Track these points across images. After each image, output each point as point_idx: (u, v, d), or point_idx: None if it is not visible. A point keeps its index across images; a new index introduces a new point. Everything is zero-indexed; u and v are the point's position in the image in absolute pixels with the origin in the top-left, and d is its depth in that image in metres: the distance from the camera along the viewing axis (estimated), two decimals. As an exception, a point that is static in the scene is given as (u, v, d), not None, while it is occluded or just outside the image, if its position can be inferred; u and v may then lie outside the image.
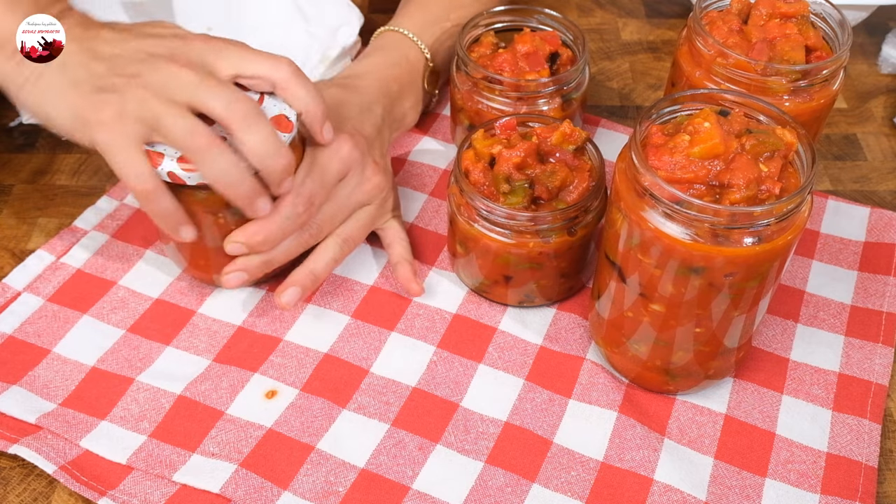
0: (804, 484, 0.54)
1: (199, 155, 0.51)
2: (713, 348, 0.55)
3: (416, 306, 0.63)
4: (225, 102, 0.51)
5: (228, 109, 0.51)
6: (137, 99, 0.51)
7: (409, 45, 0.72)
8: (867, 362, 0.60)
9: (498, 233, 0.58)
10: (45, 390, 0.57)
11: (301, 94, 0.55)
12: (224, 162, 0.52)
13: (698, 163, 0.48)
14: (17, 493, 0.54)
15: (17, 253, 0.67)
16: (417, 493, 0.53)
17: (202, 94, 0.51)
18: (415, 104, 0.73)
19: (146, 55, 0.53)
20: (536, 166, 0.59)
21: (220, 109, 0.51)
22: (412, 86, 0.72)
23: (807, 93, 0.59)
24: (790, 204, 0.47)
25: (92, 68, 0.53)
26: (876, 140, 0.78)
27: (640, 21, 0.91)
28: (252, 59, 0.54)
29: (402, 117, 0.72)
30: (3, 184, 0.72)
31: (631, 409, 0.58)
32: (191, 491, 0.53)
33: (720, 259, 0.48)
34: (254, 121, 0.52)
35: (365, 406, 0.58)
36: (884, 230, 0.69)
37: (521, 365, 0.60)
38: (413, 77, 0.72)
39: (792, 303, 0.64)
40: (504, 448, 0.56)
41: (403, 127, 0.73)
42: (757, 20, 0.61)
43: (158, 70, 0.52)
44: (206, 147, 0.51)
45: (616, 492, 0.54)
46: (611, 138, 0.76)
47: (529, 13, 0.71)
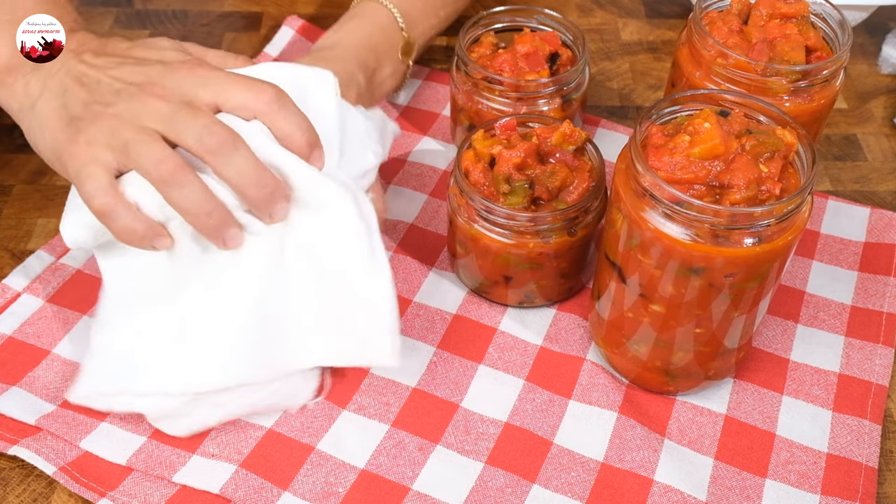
0: (804, 484, 0.54)
1: (165, 185, 0.49)
2: (713, 349, 0.55)
3: (415, 306, 0.63)
4: (197, 134, 0.49)
5: (201, 141, 0.49)
6: (109, 128, 0.50)
7: (385, 13, 0.72)
8: (867, 363, 0.60)
9: (498, 233, 0.58)
10: (45, 391, 0.57)
11: (282, 125, 0.52)
12: (190, 193, 0.49)
13: (698, 163, 0.48)
14: (16, 494, 0.54)
15: (17, 253, 0.67)
16: (417, 494, 0.53)
17: (174, 124, 0.50)
18: (392, 73, 0.73)
19: (124, 84, 0.52)
20: (536, 166, 0.59)
21: (191, 141, 0.49)
22: (389, 55, 0.72)
23: (807, 93, 0.59)
24: (790, 204, 0.47)
25: (74, 95, 0.52)
26: (876, 140, 0.78)
27: (640, 21, 0.91)
28: (233, 87, 0.51)
29: (380, 84, 0.71)
30: (3, 184, 0.72)
31: (631, 410, 0.58)
32: (191, 491, 0.53)
33: (720, 259, 0.48)
34: (228, 151, 0.49)
35: (365, 406, 0.58)
36: (884, 230, 0.69)
37: (522, 365, 0.60)
38: (390, 46, 0.72)
39: (792, 303, 0.64)
40: (504, 449, 0.56)
41: (381, 94, 0.73)
42: (757, 20, 0.61)
43: (132, 99, 0.51)
44: (171, 176, 0.49)
45: (616, 492, 0.54)
46: (611, 138, 0.76)
47: (529, 13, 0.71)
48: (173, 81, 0.51)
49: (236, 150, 0.50)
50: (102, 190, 0.50)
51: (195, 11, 0.91)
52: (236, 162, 0.50)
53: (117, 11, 0.90)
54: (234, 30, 0.89)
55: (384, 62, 0.71)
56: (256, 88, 0.51)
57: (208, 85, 0.51)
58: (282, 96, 0.52)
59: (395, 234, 0.68)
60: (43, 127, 0.53)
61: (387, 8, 0.72)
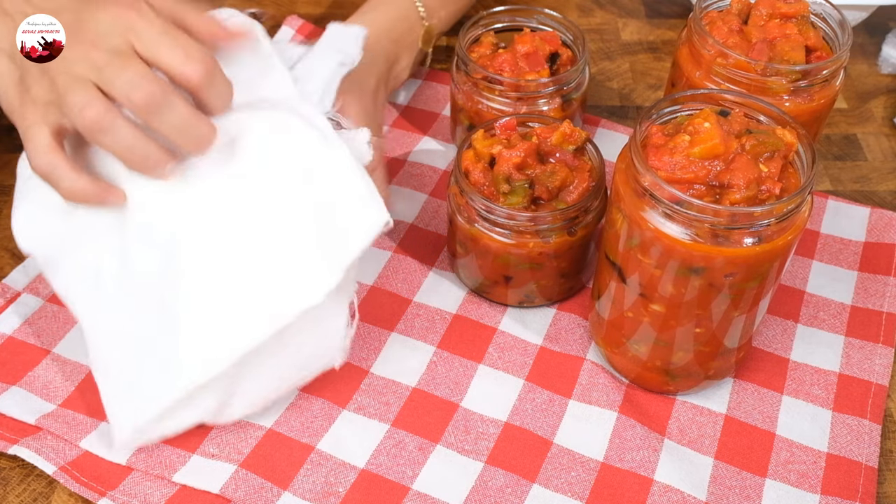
0: (804, 484, 0.54)
1: (92, 133, 0.47)
2: (713, 348, 0.55)
3: (415, 306, 0.63)
4: (124, 88, 0.46)
5: (129, 97, 0.46)
6: (48, 83, 0.48)
7: (407, 3, 0.72)
8: (867, 362, 0.60)
9: (498, 233, 0.58)
10: (45, 391, 0.57)
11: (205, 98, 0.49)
12: (121, 138, 0.47)
13: (698, 163, 0.48)
14: (16, 494, 0.54)
15: (17, 253, 0.66)
16: (417, 494, 0.53)
17: (101, 74, 0.47)
18: (408, 64, 0.73)
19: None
20: (536, 166, 0.59)
21: (120, 95, 0.47)
22: (409, 44, 0.72)
23: (807, 93, 0.59)
24: (790, 204, 0.47)
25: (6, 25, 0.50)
26: (876, 140, 0.78)
27: (640, 21, 0.91)
28: (168, 46, 0.47)
29: (397, 75, 0.72)
30: (3, 184, 0.72)
31: (631, 410, 0.58)
32: (191, 491, 0.53)
33: (720, 259, 0.48)
34: (159, 107, 0.47)
35: (365, 406, 0.58)
36: (884, 230, 0.69)
37: (521, 365, 0.60)
38: (410, 35, 0.72)
39: (792, 303, 0.64)
40: (504, 448, 0.56)
41: (397, 85, 0.73)
42: (757, 20, 0.61)
43: (67, 48, 0.48)
44: (96, 123, 0.46)
45: (616, 492, 0.54)
46: (611, 138, 0.76)
47: (529, 13, 0.71)
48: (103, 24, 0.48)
49: (168, 106, 0.47)
50: (43, 148, 0.48)
51: (195, 11, 0.91)
52: (168, 118, 0.47)
53: (117, 11, 0.90)
54: (234, 30, 0.89)
55: (404, 53, 0.72)
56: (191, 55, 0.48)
57: (146, 37, 0.48)
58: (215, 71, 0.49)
59: (395, 234, 0.68)
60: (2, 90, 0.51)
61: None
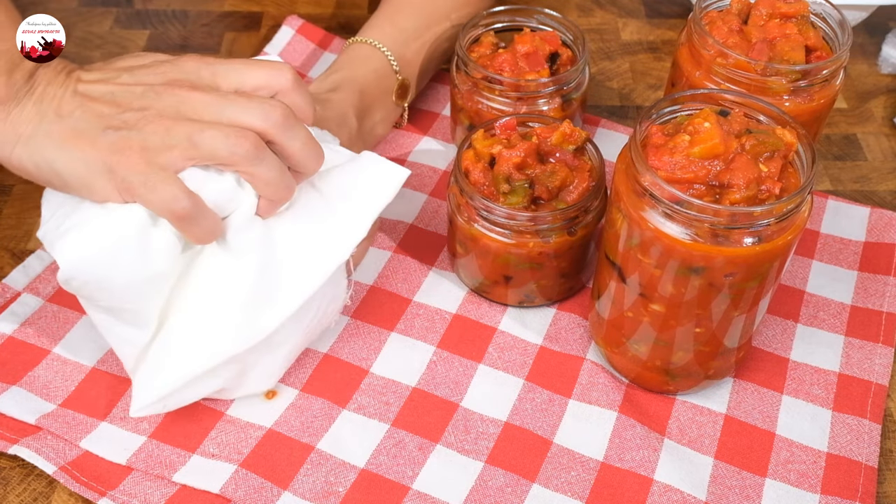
0: (804, 484, 0.54)
1: (250, 163, 0.48)
2: (713, 348, 0.55)
3: (415, 306, 0.63)
4: (261, 112, 0.48)
5: (267, 118, 0.48)
6: (161, 128, 0.48)
7: (379, 57, 0.70)
8: (867, 362, 0.60)
9: (498, 233, 0.58)
10: (45, 391, 0.57)
11: (298, 101, 0.51)
12: (273, 163, 0.49)
13: (698, 163, 0.48)
14: (17, 494, 0.54)
15: (17, 253, 0.67)
16: (417, 494, 0.53)
17: (228, 110, 0.48)
18: (384, 118, 0.72)
19: (145, 87, 0.50)
20: (536, 166, 0.59)
21: (257, 121, 0.48)
22: (382, 99, 0.71)
23: (807, 93, 0.59)
24: (790, 204, 0.47)
25: (93, 111, 0.49)
26: (876, 140, 0.78)
27: (640, 21, 0.91)
28: (250, 70, 0.51)
29: (370, 130, 0.71)
30: (3, 184, 0.72)
31: (631, 409, 0.58)
32: (191, 491, 0.53)
33: (720, 259, 0.48)
34: (294, 123, 0.49)
35: (365, 406, 0.58)
36: (884, 230, 0.69)
37: (521, 365, 0.60)
38: (382, 90, 0.71)
39: (792, 303, 0.64)
40: (504, 448, 0.56)
41: (372, 140, 0.72)
42: (757, 20, 0.61)
43: (165, 97, 0.49)
44: (256, 151, 0.48)
45: (616, 492, 0.54)
46: (611, 138, 0.76)
47: (529, 13, 0.71)
48: (191, 73, 0.50)
49: (298, 122, 0.50)
50: (184, 192, 0.47)
51: (195, 11, 0.91)
52: (300, 132, 0.50)
53: (117, 11, 0.90)
54: (234, 30, 0.89)
55: (376, 107, 0.70)
56: (275, 67, 0.51)
57: (225, 73, 0.50)
58: (298, 77, 0.52)
59: (395, 234, 0.68)
60: (62, 147, 0.48)
61: (380, 51, 0.70)
